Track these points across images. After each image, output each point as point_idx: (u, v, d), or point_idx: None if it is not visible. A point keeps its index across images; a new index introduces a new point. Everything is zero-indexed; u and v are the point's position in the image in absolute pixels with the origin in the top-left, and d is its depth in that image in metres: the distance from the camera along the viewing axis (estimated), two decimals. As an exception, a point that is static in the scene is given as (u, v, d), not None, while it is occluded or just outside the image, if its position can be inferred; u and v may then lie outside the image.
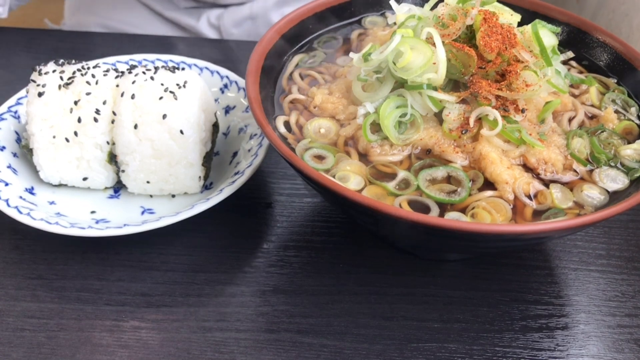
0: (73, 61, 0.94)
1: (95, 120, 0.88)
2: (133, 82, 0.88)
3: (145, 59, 1.10)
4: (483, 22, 0.80)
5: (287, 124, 0.84)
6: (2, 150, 0.94)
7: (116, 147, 0.89)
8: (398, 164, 0.78)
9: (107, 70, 0.92)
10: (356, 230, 0.92)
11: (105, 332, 0.78)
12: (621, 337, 0.81)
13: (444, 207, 0.73)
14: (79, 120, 0.87)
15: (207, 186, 0.96)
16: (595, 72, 0.94)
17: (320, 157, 0.78)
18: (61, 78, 0.89)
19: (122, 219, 0.89)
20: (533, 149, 0.79)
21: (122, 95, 0.88)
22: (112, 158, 0.90)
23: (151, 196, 0.94)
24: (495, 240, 0.71)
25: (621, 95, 0.89)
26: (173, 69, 0.92)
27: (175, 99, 0.87)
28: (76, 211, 0.91)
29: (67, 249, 0.88)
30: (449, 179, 0.76)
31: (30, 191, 0.92)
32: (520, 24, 0.86)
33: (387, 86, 0.80)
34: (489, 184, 0.76)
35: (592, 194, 0.76)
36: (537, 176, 0.78)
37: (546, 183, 0.77)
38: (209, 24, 1.61)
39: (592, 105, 0.89)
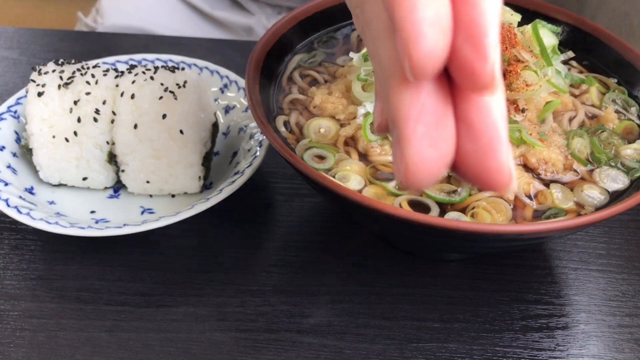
0: (73, 61, 0.94)
1: (95, 120, 0.88)
2: (133, 82, 0.88)
3: (145, 59, 1.10)
4: (483, 22, 0.80)
5: (286, 124, 0.84)
6: (1, 150, 0.94)
7: (116, 147, 0.89)
8: (398, 163, 0.78)
9: (107, 70, 0.92)
10: (356, 230, 0.92)
11: (105, 332, 0.78)
12: (621, 336, 0.80)
13: (444, 207, 0.73)
14: (79, 120, 0.87)
15: (207, 186, 0.96)
16: (595, 72, 0.94)
17: (320, 157, 0.78)
18: (61, 78, 0.89)
19: (122, 218, 0.89)
20: (533, 149, 0.79)
21: (121, 95, 0.88)
22: (112, 158, 0.90)
23: (151, 196, 0.94)
24: (495, 240, 0.71)
25: (621, 95, 0.89)
26: (173, 69, 0.92)
27: (175, 99, 0.87)
28: (76, 211, 0.91)
29: (67, 249, 0.88)
30: (449, 179, 0.76)
31: (30, 191, 0.92)
32: (520, 24, 0.86)
33: (387, 86, 0.80)
34: (489, 184, 0.76)
35: (592, 194, 0.76)
36: (538, 176, 0.78)
37: (546, 183, 0.77)
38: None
39: (593, 105, 0.89)
